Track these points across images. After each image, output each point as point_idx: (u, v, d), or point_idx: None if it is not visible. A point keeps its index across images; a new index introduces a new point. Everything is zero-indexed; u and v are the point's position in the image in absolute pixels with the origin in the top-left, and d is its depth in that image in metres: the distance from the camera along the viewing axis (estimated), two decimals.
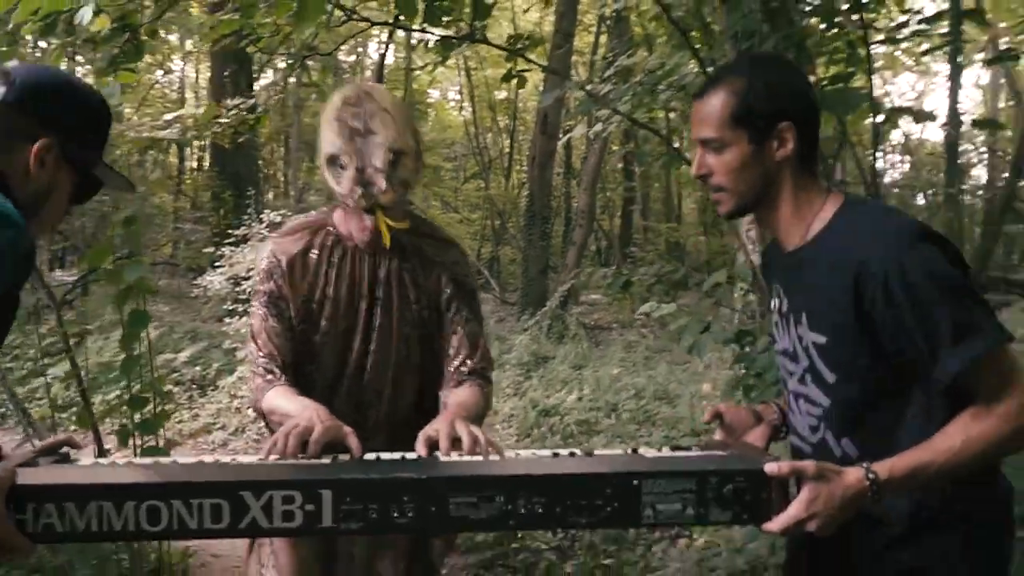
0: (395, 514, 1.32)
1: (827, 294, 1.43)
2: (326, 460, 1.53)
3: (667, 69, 3.76)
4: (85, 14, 2.13)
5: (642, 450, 1.56)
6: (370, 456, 1.56)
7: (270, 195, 18.92)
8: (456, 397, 1.85)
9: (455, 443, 1.58)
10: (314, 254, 1.90)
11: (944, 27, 3.64)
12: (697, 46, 3.27)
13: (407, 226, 1.84)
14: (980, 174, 17.46)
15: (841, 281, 1.40)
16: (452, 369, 1.91)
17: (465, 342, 1.92)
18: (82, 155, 1.43)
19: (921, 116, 3.02)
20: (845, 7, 3.07)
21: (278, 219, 9.03)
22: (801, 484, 1.33)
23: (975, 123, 7.08)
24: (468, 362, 1.91)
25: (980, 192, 15.92)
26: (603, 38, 14.78)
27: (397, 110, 1.80)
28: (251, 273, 7.93)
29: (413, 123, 1.85)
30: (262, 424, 2.09)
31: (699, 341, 2.66)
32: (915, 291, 1.34)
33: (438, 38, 2.95)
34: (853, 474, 1.34)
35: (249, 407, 1.88)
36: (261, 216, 8.72)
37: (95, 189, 1.49)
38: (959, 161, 16.96)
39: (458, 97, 22.45)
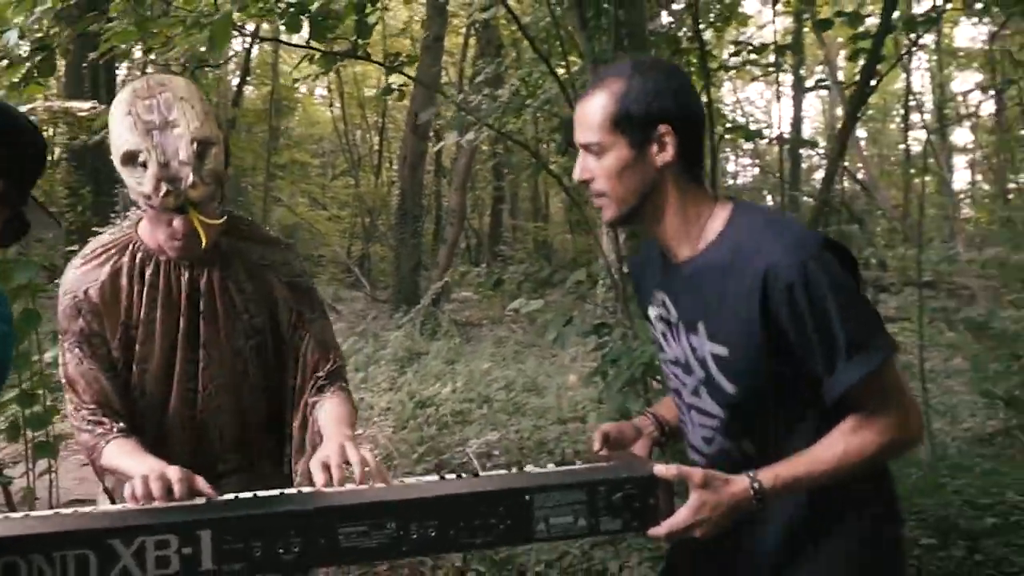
0: (281, 550, 1.24)
1: (728, 303, 1.41)
2: (200, 501, 1.39)
3: (532, 86, 4.10)
4: (11, 36, 2.23)
5: (527, 468, 1.51)
6: (246, 495, 1.41)
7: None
8: (329, 412, 1.73)
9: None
10: (124, 277, 1.71)
11: (784, 48, 4.15)
12: (559, 70, 3.61)
13: (222, 223, 1.68)
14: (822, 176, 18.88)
15: (746, 289, 1.38)
16: (309, 376, 1.79)
17: (315, 345, 1.80)
18: (23, 197, 1.37)
19: (751, 134, 3.47)
20: (689, 36, 3.49)
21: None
22: (688, 491, 1.35)
23: (792, 141, 7.77)
24: (323, 365, 1.80)
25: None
26: (472, 40, 15.09)
27: (195, 97, 1.62)
28: None
29: (215, 112, 1.68)
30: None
31: (562, 333, 3.00)
32: (817, 302, 1.34)
33: (321, 53, 3.16)
34: (739, 483, 1.37)
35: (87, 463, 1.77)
36: (127, 214, 8.57)
37: (24, 231, 1.41)
38: (804, 165, 18.33)
39: (326, 93, 22.27)
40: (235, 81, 18.45)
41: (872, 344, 1.37)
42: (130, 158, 1.55)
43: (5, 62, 2.38)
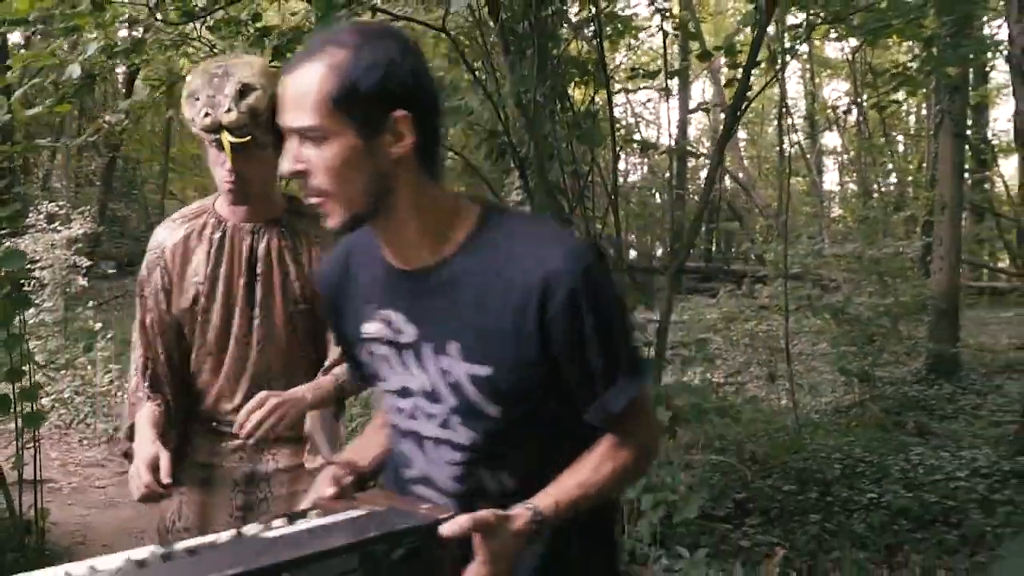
0: None
1: (492, 316, 1.23)
2: None
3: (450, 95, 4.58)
4: (74, 70, 2.58)
5: (246, 529, 1.14)
6: None
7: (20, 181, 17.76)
8: (317, 379, 1.91)
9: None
10: (194, 238, 1.98)
11: (674, 74, 4.81)
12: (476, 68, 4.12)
13: (248, 141, 1.82)
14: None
15: (517, 298, 1.20)
16: (328, 362, 1.95)
17: None
18: None
19: (647, 146, 4.10)
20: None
21: (57, 210, 8.99)
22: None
23: (681, 150, 8.56)
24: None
25: None
26: None
27: (258, 64, 1.89)
28: (37, 265, 7.94)
29: (274, 85, 1.69)
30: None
31: None
32: (600, 312, 1.21)
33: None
34: (521, 519, 1.20)
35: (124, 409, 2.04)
36: (38, 207, 8.67)
37: None
38: (690, 164, 19.45)
39: None
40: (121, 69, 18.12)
41: (641, 360, 1.31)
42: (191, 95, 1.85)
43: None
